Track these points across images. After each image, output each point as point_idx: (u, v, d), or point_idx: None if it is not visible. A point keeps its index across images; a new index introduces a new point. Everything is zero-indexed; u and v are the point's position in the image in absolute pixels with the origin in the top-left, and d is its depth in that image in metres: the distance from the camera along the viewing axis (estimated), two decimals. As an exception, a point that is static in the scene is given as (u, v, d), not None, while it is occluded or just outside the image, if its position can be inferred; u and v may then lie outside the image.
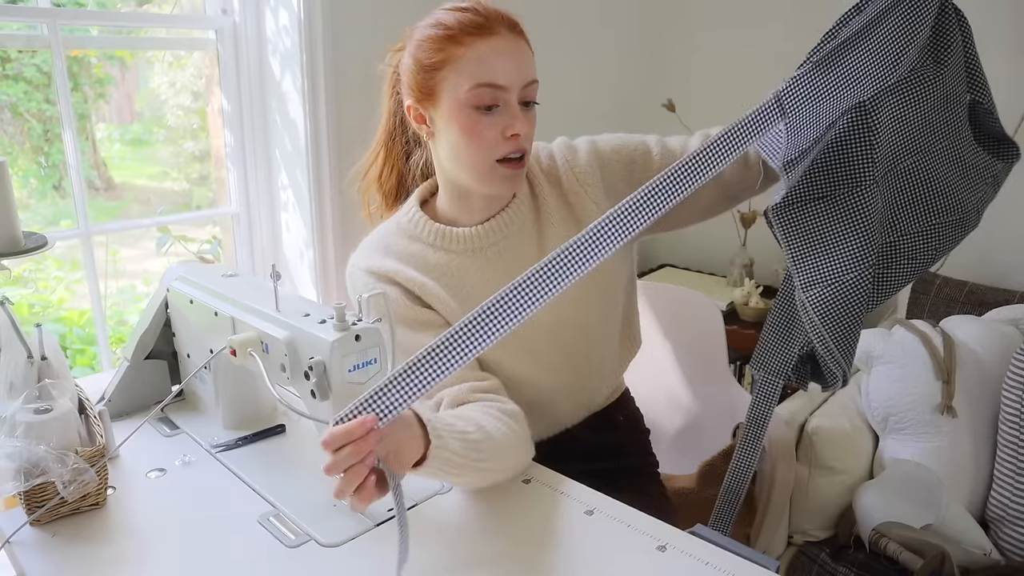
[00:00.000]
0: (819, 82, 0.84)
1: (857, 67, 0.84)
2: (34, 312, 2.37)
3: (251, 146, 1.81)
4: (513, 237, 1.02)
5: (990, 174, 0.92)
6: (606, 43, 2.40)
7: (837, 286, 0.84)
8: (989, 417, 1.49)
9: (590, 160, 1.03)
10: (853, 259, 0.84)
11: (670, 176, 0.78)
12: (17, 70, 2.04)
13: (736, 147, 0.81)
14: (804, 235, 0.85)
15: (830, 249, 0.85)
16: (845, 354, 0.87)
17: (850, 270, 0.84)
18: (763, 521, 1.48)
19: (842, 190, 0.84)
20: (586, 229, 0.76)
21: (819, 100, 0.84)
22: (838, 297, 0.84)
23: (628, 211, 0.77)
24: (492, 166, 0.93)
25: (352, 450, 0.67)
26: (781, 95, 0.83)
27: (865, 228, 0.84)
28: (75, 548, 0.83)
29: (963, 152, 0.90)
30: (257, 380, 1.09)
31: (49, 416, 0.86)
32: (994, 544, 1.41)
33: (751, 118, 0.82)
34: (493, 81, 0.89)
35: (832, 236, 0.85)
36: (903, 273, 0.91)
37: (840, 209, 0.85)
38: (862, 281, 0.84)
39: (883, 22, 0.83)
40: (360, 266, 1.03)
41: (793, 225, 0.85)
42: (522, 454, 0.94)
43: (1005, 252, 1.95)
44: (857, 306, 0.85)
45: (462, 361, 0.72)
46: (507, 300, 0.73)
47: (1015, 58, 1.85)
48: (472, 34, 0.89)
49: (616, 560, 0.81)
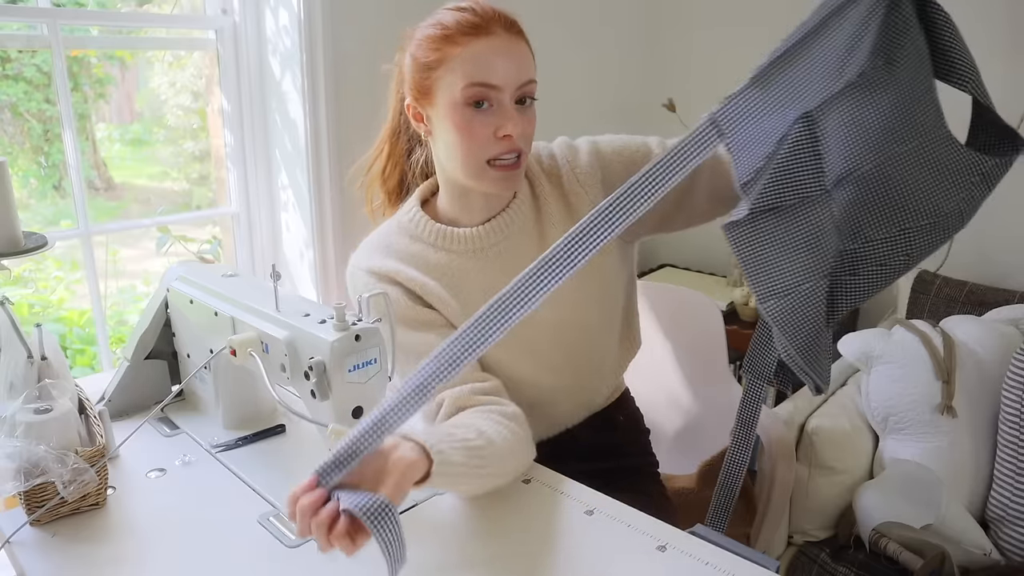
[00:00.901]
0: (759, 98, 0.83)
1: (801, 78, 0.83)
2: (34, 312, 2.37)
3: (251, 146, 1.81)
4: (514, 237, 1.02)
5: (976, 172, 0.87)
6: (606, 43, 2.40)
7: (793, 297, 0.85)
8: (989, 417, 1.49)
9: (591, 161, 1.03)
10: (807, 270, 0.85)
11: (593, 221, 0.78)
12: (17, 70, 2.04)
13: (668, 179, 0.80)
14: (757, 248, 0.86)
15: (784, 261, 0.86)
16: (810, 363, 0.89)
17: (805, 280, 0.85)
18: (763, 521, 1.48)
19: (792, 201, 0.85)
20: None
21: (762, 116, 0.83)
22: (795, 308, 0.85)
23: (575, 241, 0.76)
24: (483, 166, 0.93)
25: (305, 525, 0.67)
26: (716, 117, 0.82)
27: (817, 238, 0.85)
28: (75, 548, 0.83)
29: (935, 153, 0.87)
30: (257, 380, 1.09)
31: (49, 416, 0.86)
32: (994, 544, 1.41)
33: (684, 144, 0.81)
34: (486, 80, 0.89)
35: (785, 248, 0.85)
36: (875, 279, 0.91)
37: (791, 220, 0.86)
38: (817, 291, 0.86)
39: (825, 30, 0.82)
40: (361, 266, 1.03)
41: (746, 238, 0.86)
42: (523, 457, 0.94)
43: (1005, 252, 1.95)
44: (814, 316, 0.87)
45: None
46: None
47: (1012, 57, 1.85)
48: (468, 34, 0.90)
49: (616, 560, 0.81)
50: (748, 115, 0.82)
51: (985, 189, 0.88)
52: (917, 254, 0.89)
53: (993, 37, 1.87)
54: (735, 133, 0.82)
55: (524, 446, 0.93)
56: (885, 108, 0.85)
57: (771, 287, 0.86)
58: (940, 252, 2.00)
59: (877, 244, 0.89)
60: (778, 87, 0.82)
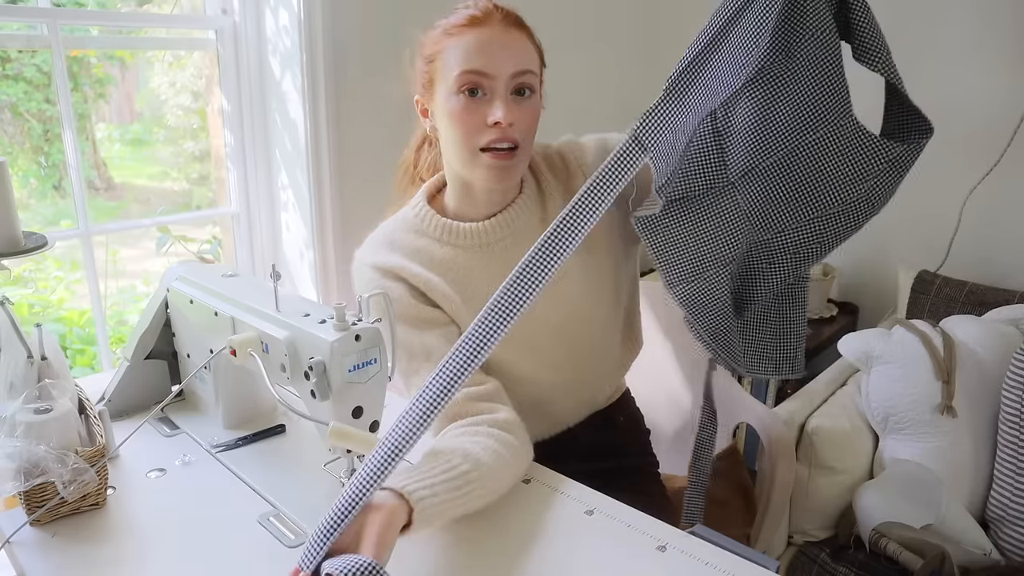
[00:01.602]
0: (674, 108, 0.84)
1: (711, 81, 0.84)
2: (34, 312, 2.37)
3: (251, 146, 1.81)
4: (519, 233, 1.02)
5: (883, 160, 0.87)
6: (606, 43, 2.40)
7: (698, 283, 0.90)
8: (989, 417, 1.49)
9: (598, 158, 1.03)
10: (712, 257, 0.90)
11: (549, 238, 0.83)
12: (17, 70, 2.04)
13: (605, 198, 0.83)
14: (665, 235, 0.90)
15: (689, 248, 0.90)
16: (722, 347, 0.94)
17: (709, 267, 0.90)
18: (763, 521, 1.48)
19: (698, 191, 0.89)
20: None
21: (678, 124, 0.85)
22: (701, 292, 0.90)
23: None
24: (476, 153, 0.93)
25: None
26: (638, 132, 0.84)
27: (721, 227, 0.90)
28: (75, 548, 0.83)
29: (841, 142, 0.87)
30: (257, 380, 1.09)
31: (49, 416, 0.86)
32: (994, 544, 1.42)
33: (612, 163, 0.84)
34: (477, 68, 0.90)
35: (691, 236, 0.90)
36: (790, 266, 0.94)
37: (696, 209, 0.89)
38: (721, 278, 0.90)
39: (729, 30, 0.83)
40: (366, 262, 1.03)
41: (655, 227, 0.89)
42: (517, 466, 0.93)
43: (1005, 252, 1.95)
44: (719, 301, 0.91)
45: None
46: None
47: (1015, 59, 1.85)
48: (465, 26, 0.92)
49: (616, 560, 0.81)
50: (666, 125, 0.84)
51: (895, 176, 0.88)
52: (829, 241, 0.92)
53: (998, 41, 1.88)
54: (656, 145, 0.84)
55: (518, 455, 0.92)
56: (786, 100, 0.86)
57: (678, 274, 0.90)
58: (940, 252, 2.01)
59: (789, 233, 0.92)
60: (691, 93, 0.84)
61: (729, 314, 0.95)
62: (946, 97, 1.95)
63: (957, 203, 1.96)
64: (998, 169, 1.89)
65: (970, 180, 1.94)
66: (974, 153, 1.92)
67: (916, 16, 1.96)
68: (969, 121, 1.93)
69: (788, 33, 0.83)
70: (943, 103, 1.97)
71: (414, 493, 0.75)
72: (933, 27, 1.95)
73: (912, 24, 1.97)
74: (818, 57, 0.84)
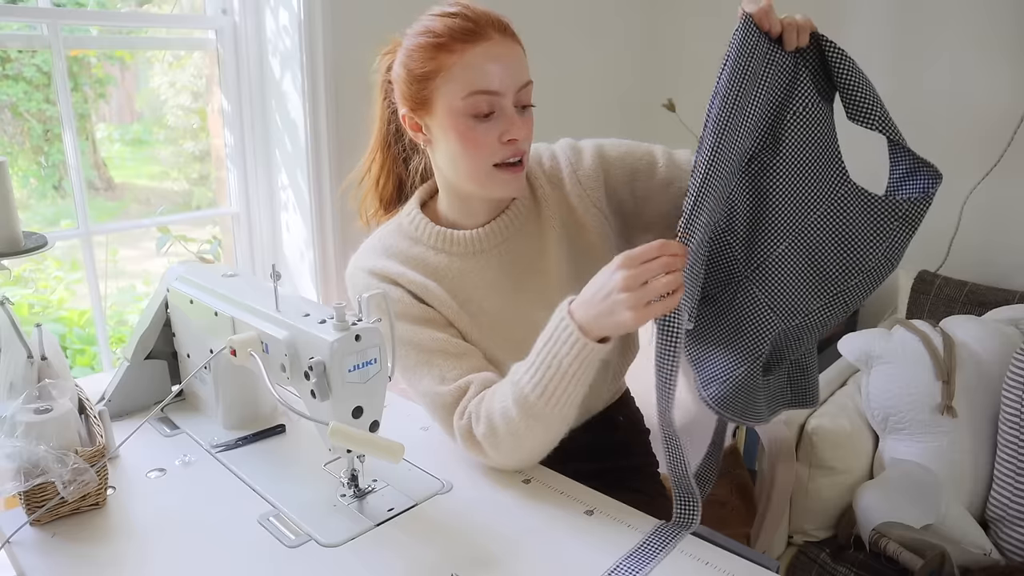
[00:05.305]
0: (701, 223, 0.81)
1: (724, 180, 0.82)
2: (34, 312, 2.37)
3: (251, 146, 1.81)
4: (514, 239, 1.02)
5: (894, 219, 0.86)
6: (606, 43, 2.39)
7: (732, 382, 0.88)
8: (989, 417, 1.49)
9: (595, 164, 1.03)
10: (741, 353, 0.89)
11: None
12: (17, 70, 2.04)
13: (671, 380, 0.81)
14: (694, 337, 0.91)
15: (719, 347, 0.90)
16: (751, 419, 0.93)
17: (740, 364, 0.88)
18: (763, 521, 1.48)
19: (716, 290, 0.90)
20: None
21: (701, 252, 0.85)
22: (735, 391, 0.89)
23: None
24: (490, 171, 0.94)
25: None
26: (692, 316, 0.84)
27: (745, 321, 0.89)
28: (75, 548, 0.83)
29: (847, 213, 0.86)
30: (257, 380, 1.09)
31: (49, 416, 0.86)
32: (994, 544, 1.41)
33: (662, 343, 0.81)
34: (487, 88, 0.89)
35: (718, 334, 0.90)
36: (819, 334, 0.94)
37: (720, 307, 0.90)
38: (753, 372, 0.89)
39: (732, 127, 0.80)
40: (361, 267, 1.03)
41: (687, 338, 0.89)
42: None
43: (1005, 252, 1.95)
44: (753, 394, 0.91)
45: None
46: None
47: (1016, 59, 1.85)
48: (463, 40, 0.89)
49: (616, 560, 0.81)
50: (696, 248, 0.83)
51: (908, 231, 0.87)
52: (854, 305, 0.92)
53: (999, 41, 1.87)
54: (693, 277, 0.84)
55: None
56: (781, 187, 0.86)
57: (711, 374, 0.90)
58: (940, 252, 2.01)
59: (816, 315, 0.91)
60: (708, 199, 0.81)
61: (758, 391, 0.93)
62: (946, 97, 1.95)
63: (957, 203, 1.96)
64: (998, 169, 1.90)
65: (970, 180, 1.94)
66: (974, 153, 1.92)
67: (917, 17, 1.96)
68: (969, 121, 1.93)
69: (773, 123, 0.84)
70: (943, 103, 1.97)
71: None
72: (934, 27, 1.95)
73: (913, 24, 1.97)
74: (807, 137, 0.85)
